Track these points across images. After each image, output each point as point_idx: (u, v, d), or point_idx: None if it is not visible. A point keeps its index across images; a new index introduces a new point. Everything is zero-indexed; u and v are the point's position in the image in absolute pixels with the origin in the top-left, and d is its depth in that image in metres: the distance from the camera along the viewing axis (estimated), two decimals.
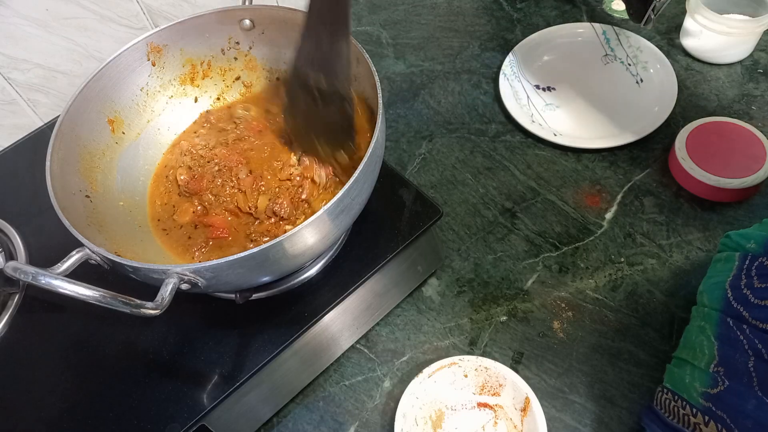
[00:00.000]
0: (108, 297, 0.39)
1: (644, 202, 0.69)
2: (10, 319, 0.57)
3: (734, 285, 0.49)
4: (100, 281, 0.41)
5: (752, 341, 0.46)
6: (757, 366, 0.45)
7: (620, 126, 0.75)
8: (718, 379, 0.47)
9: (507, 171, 0.74)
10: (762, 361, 0.45)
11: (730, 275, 0.51)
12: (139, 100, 0.60)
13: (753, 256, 0.49)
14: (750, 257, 0.50)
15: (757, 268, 0.48)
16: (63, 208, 0.45)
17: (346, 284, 0.55)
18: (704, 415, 0.46)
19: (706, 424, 0.45)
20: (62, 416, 0.51)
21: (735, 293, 0.49)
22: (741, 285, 0.49)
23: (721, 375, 0.47)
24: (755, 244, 0.50)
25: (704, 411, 0.46)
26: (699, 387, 0.48)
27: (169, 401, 0.50)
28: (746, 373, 0.45)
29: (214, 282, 0.44)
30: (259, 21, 0.59)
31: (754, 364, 0.45)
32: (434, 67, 0.86)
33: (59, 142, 0.51)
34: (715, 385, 0.47)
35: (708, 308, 0.51)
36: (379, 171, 0.51)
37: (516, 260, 0.66)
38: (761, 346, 0.45)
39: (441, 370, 0.56)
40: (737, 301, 0.48)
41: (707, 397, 0.47)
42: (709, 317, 0.51)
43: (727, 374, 0.46)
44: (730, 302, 0.49)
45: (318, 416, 0.59)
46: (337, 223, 0.46)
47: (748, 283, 0.48)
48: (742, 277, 0.49)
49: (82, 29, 0.74)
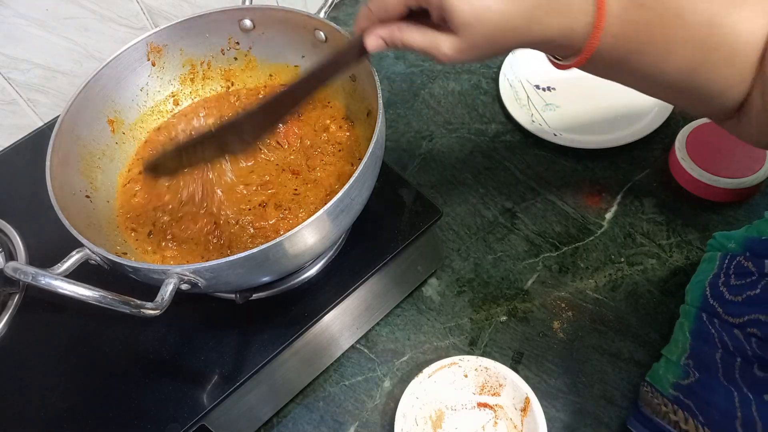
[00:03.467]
0: (108, 297, 0.39)
1: (644, 202, 0.69)
2: (10, 319, 0.57)
3: (713, 283, 0.51)
4: (100, 281, 0.41)
5: (721, 334, 0.48)
6: (723, 357, 0.47)
7: (620, 126, 0.74)
8: (689, 371, 0.49)
9: (507, 171, 0.74)
10: (728, 353, 0.47)
11: (710, 274, 0.52)
12: (139, 100, 0.60)
13: (732, 255, 0.51)
14: (729, 256, 0.51)
15: (736, 266, 0.50)
16: (63, 208, 0.45)
17: (346, 284, 0.55)
18: (673, 404, 0.49)
19: (675, 413, 0.48)
20: (62, 416, 0.51)
21: (712, 291, 0.51)
22: (719, 283, 0.51)
23: (691, 367, 0.49)
24: (735, 243, 0.52)
25: (673, 400, 0.49)
26: (671, 378, 0.50)
27: (169, 401, 0.50)
28: (714, 365, 0.47)
29: (214, 282, 0.44)
30: (260, 21, 0.59)
31: (721, 356, 0.47)
32: (434, 67, 0.86)
33: (59, 142, 0.51)
34: (686, 376, 0.49)
35: (689, 306, 0.53)
36: (379, 171, 0.51)
37: (516, 260, 0.66)
38: (727, 339, 0.47)
39: (441, 370, 0.56)
40: (714, 297, 0.50)
41: (677, 387, 0.49)
42: (688, 314, 0.53)
43: (696, 366, 0.49)
44: (707, 299, 0.51)
45: (318, 416, 0.59)
46: (337, 223, 0.46)
47: (726, 281, 0.50)
48: (721, 275, 0.51)
49: (82, 29, 0.74)
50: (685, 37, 0.41)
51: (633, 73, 0.43)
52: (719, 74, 0.42)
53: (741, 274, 0.50)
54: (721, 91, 0.43)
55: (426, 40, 0.40)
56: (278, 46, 0.61)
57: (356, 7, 0.96)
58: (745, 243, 0.51)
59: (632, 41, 0.41)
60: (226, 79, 0.64)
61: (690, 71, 0.42)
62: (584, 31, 0.40)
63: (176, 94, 0.63)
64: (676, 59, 0.41)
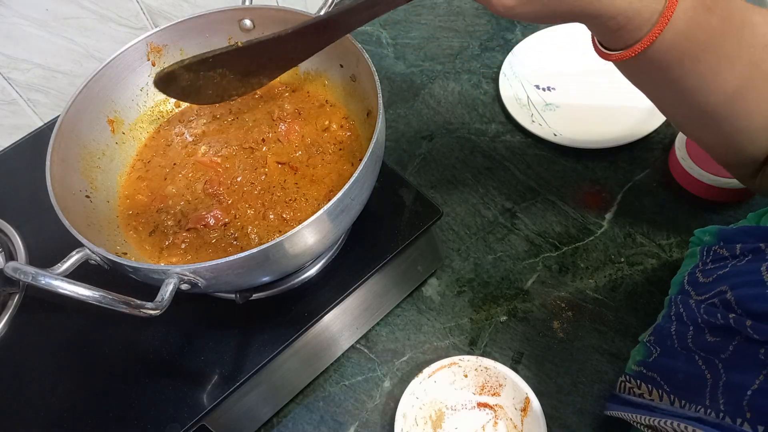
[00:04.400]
0: (108, 297, 0.39)
1: (644, 202, 0.69)
2: (10, 319, 0.57)
3: (691, 272, 0.52)
4: (100, 281, 0.41)
5: (679, 308, 0.50)
6: (677, 329, 0.49)
7: (620, 126, 0.74)
8: (651, 348, 0.52)
9: (507, 171, 0.74)
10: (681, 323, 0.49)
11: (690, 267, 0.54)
12: (139, 100, 0.60)
13: (708, 247, 0.52)
14: (707, 248, 0.52)
15: (712, 255, 0.51)
16: (63, 208, 0.45)
17: (346, 284, 0.55)
18: (636, 379, 0.51)
19: (639, 386, 0.51)
20: (62, 416, 0.51)
21: (690, 278, 0.52)
22: (696, 272, 0.52)
23: (652, 343, 0.51)
24: (710, 236, 0.53)
25: (636, 375, 0.52)
26: (638, 357, 0.53)
27: (169, 401, 0.50)
28: (669, 337, 0.49)
29: (214, 282, 0.44)
30: (260, 21, 0.59)
31: (676, 328, 0.49)
32: (434, 67, 0.86)
33: (59, 142, 0.51)
34: (650, 354, 0.51)
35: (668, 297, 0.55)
36: (379, 171, 0.51)
37: (516, 260, 0.66)
38: (683, 310, 0.49)
39: (441, 370, 0.56)
40: (689, 284, 0.52)
41: (640, 364, 0.52)
42: (666, 304, 0.54)
43: (656, 342, 0.51)
44: (683, 286, 0.52)
45: (318, 416, 0.59)
46: (337, 223, 0.46)
47: (703, 269, 0.51)
48: (699, 265, 0.52)
49: (82, 29, 0.74)
50: (740, 56, 0.40)
51: (677, 83, 0.42)
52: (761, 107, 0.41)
53: (716, 260, 0.51)
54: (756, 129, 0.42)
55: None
56: None
57: None
58: (718, 233, 0.52)
59: (692, 44, 0.40)
60: None
61: (734, 95, 0.41)
62: (650, 19, 0.39)
63: None
64: (726, 77, 0.40)
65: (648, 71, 0.43)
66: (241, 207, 0.55)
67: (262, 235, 0.53)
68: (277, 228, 0.53)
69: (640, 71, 0.43)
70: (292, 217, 0.53)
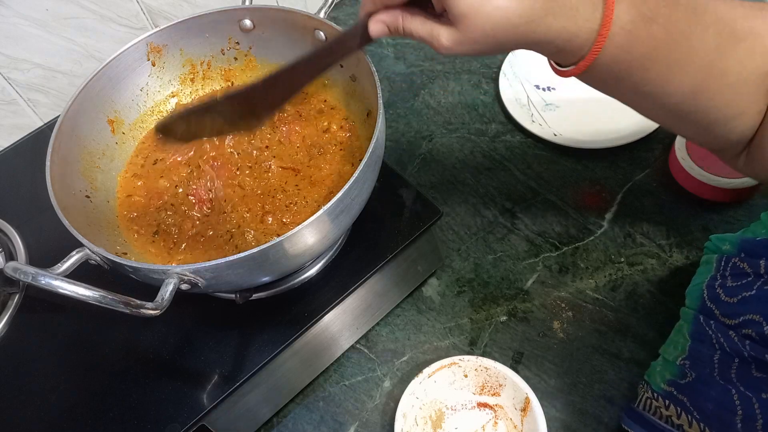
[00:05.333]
0: (108, 297, 0.39)
1: (644, 202, 0.69)
2: (10, 319, 0.57)
3: (710, 285, 0.51)
4: (100, 281, 0.41)
5: (718, 336, 0.48)
6: (720, 358, 0.47)
7: (620, 126, 0.74)
8: (686, 372, 0.49)
9: (507, 171, 0.74)
10: (726, 354, 0.47)
11: (707, 277, 0.53)
12: (139, 100, 0.60)
13: (727, 257, 0.51)
14: (725, 258, 0.51)
15: (732, 268, 0.50)
16: (63, 208, 0.45)
17: (346, 284, 0.55)
18: (665, 399, 0.49)
19: (666, 407, 0.49)
20: (62, 416, 0.51)
21: (709, 292, 0.51)
22: (716, 285, 0.51)
23: (688, 367, 0.49)
24: (730, 245, 0.52)
25: (666, 395, 0.50)
26: (667, 375, 0.51)
27: (169, 401, 0.50)
28: (710, 365, 0.48)
29: (214, 282, 0.44)
30: (259, 21, 0.59)
31: (719, 357, 0.47)
32: (434, 67, 0.86)
33: (59, 142, 0.51)
34: (683, 376, 0.49)
35: (688, 308, 0.54)
36: (379, 171, 0.51)
37: (516, 260, 0.66)
38: (724, 341, 0.47)
39: (441, 370, 0.56)
40: (710, 299, 0.50)
41: (671, 384, 0.50)
42: (687, 317, 0.53)
43: (692, 366, 0.49)
44: (704, 301, 0.51)
45: (318, 416, 0.59)
46: (337, 223, 0.46)
47: (722, 283, 0.50)
48: (717, 277, 0.51)
49: (82, 29, 0.74)
50: (691, 60, 0.40)
51: (634, 89, 0.43)
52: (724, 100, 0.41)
53: (737, 275, 0.50)
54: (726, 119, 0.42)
55: (426, 29, 0.40)
56: (278, 46, 0.61)
57: (356, 7, 0.96)
58: (739, 244, 0.51)
59: (637, 56, 0.40)
60: (226, 79, 0.64)
61: (693, 94, 0.41)
62: (588, 38, 0.40)
63: (176, 94, 0.63)
64: (680, 80, 0.41)
65: (603, 81, 0.44)
66: (241, 209, 0.55)
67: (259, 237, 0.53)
68: (275, 232, 0.53)
69: (595, 82, 0.44)
70: (291, 221, 0.53)
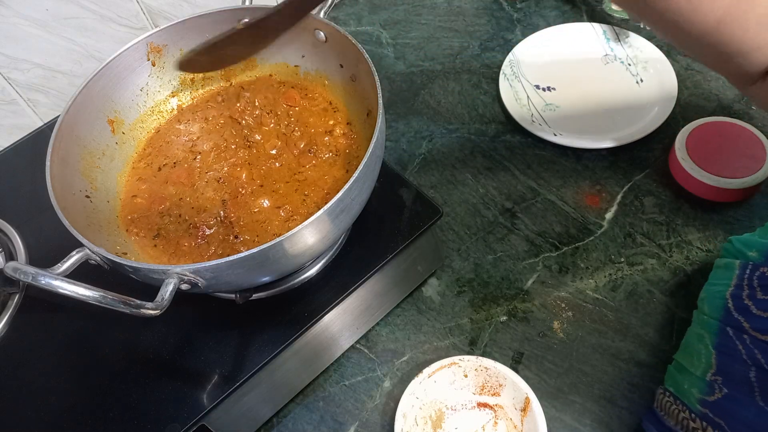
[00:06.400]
0: (108, 297, 0.39)
1: (644, 202, 0.69)
2: (10, 319, 0.57)
3: (735, 295, 0.49)
4: (100, 281, 0.41)
5: (752, 351, 0.46)
6: (759, 376, 0.45)
7: (620, 126, 0.74)
8: (716, 387, 0.47)
9: (507, 171, 0.74)
10: (763, 372, 0.45)
11: (731, 284, 0.50)
12: (139, 100, 0.60)
13: (754, 265, 0.49)
14: (751, 266, 0.49)
15: (759, 278, 0.48)
16: (63, 208, 0.45)
17: (346, 284, 0.55)
18: (702, 420, 0.47)
19: (704, 430, 0.46)
20: (62, 416, 0.51)
21: (736, 303, 0.49)
22: (743, 295, 0.48)
23: (719, 383, 0.47)
24: (757, 252, 0.50)
25: (702, 417, 0.47)
26: (696, 393, 0.48)
27: (169, 401, 0.50)
28: (746, 383, 0.45)
29: (214, 282, 0.44)
30: None
31: (756, 375, 0.45)
32: (434, 67, 0.86)
33: (59, 142, 0.51)
34: (712, 392, 0.47)
35: (707, 317, 0.51)
36: (379, 171, 0.51)
37: (516, 260, 0.66)
38: (761, 357, 0.45)
39: (441, 370, 0.56)
40: (738, 311, 0.48)
41: (704, 404, 0.47)
42: (708, 326, 0.51)
43: (725, 383, 0.47)
44: (730, 312, 0.49)
45: (318, 416, 0.59)
46: (337, 223, 0.46)
47: (751, 294, 0.48)
48: (743, 287, 0.49)
49: (82, 29, 0.74)
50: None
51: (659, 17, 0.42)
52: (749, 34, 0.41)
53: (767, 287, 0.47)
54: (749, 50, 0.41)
55: None
56: (278, 46, 0.61)
57: (356, 7, 0.96)
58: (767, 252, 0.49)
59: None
60: (226, 79, 0.64)
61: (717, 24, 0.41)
62: None
63: (176, 94, 0.63)
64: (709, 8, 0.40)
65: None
66: (242, 208, 0.55)
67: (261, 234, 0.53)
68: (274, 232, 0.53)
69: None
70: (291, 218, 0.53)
